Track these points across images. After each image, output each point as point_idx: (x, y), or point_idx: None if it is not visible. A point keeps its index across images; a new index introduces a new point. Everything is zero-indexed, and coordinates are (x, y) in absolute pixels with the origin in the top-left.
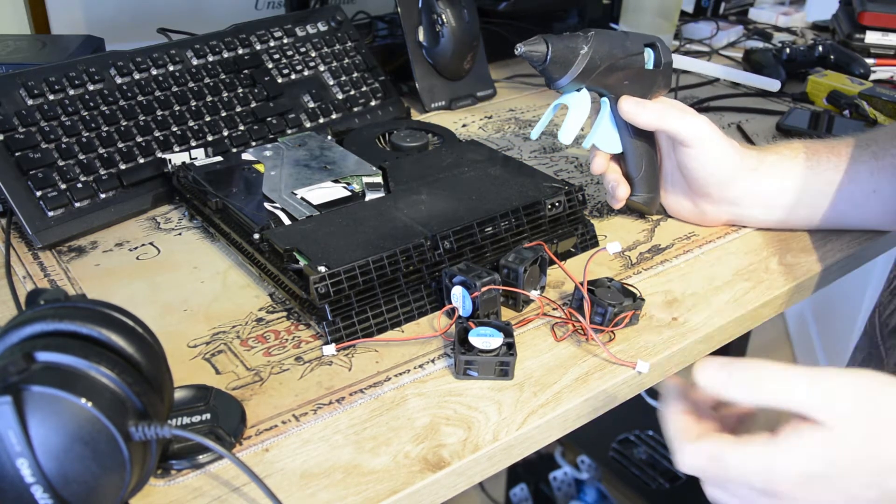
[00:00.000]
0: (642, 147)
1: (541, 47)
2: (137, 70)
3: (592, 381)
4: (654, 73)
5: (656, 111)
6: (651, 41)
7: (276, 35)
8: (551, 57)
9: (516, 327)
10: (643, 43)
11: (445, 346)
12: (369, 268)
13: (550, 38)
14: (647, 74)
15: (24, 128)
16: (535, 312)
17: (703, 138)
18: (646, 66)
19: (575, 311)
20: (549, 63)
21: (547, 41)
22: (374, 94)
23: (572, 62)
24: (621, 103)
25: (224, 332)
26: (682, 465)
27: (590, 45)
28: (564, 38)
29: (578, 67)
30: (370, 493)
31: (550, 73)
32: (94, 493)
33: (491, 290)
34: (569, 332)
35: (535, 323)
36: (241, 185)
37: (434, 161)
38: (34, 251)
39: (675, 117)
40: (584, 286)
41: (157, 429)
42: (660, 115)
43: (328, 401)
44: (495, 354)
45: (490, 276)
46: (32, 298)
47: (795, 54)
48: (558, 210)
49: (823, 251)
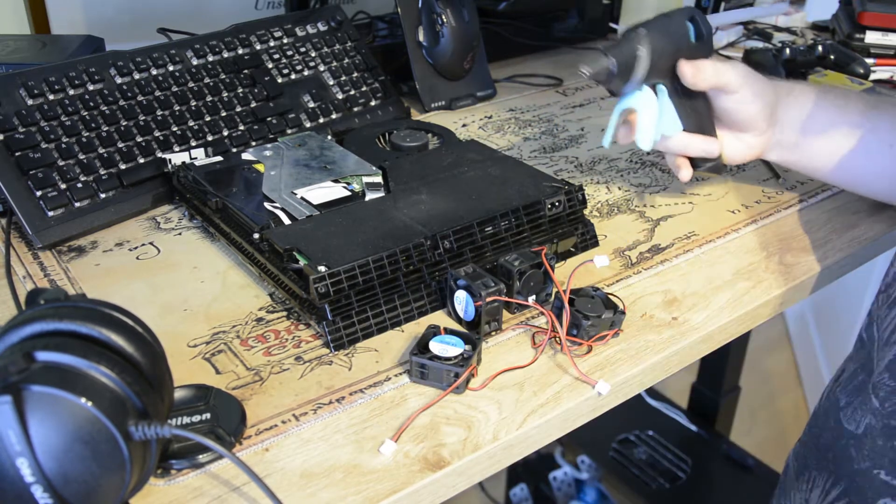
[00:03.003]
0: (704, 113)
1: (603, 62)
2: (137, 70)
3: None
4: (699, 45)
5: (711, 68)
6: (690, 14)
7: (276, 35)
8: (617, 70)
9: (510, 329)
10: (685, 19)
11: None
12: (369, 267)
13: (610, 51)
14: (692, 49)
15: (24, 128)
16: (523, 318)
17: (748, 79)
18: (690, 40)
19: (555, 319)
20: (616, 75)
21: (607, 54)
22: (374, 94)
23: (634, 66)
24: (682, 69)
25: (224, 331)
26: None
27: (645, 45)
28: (621, 46)
29: (641, 70)
30: (370, 492)
31: (616, 83)
32: (94, 493)
33: (495, 301)
34: (544, 342)
35: (526, 328)
36: (241, 184)
37: (434, 161)
38: (34, 251)
39: (725, 70)
40: (566, 295)
41: (157, 428)
42: (715, 71)
43: (328, 400)
44: (451, 363)
45: (496, 285)
46: (32, 298)
47: (795, 54)
48: (558, 210)
49: (823, 251)
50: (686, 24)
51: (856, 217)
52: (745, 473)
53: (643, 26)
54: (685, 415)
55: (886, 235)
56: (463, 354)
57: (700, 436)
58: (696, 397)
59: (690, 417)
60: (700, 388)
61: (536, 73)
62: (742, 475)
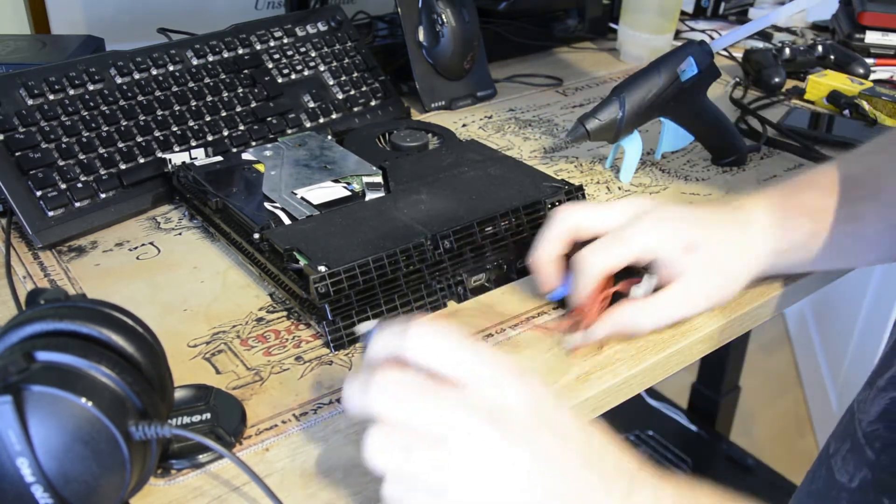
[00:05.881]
0: (711, 121)
1: (581, 130)
2: (137, 70)
3: (593, 381)
4: (697, 78)
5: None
6: (691, 50)
7: (276, 35)
8: (592, 135)
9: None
10: (681, 58)
11: None
12: (369, 267)
13: (587, 120)
14: (687, 85)
15: (24, 128)
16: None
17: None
18: (682, 79)
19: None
20: (594, 138)
21: (585, 125)
22: (374, 94)
23: (614, 126)
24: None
25: (224, 331)
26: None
27: (622, 107)
28: (599, 111)
29: (621, 126)
30: (370, 492)
31: (602, 140)
32: (94, 493)
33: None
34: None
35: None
36: (241, 185)
37: (434, 161)
38: (34, 251)
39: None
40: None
41: (157, 428)
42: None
43: (328, 400)
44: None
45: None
46: (32, 298)
47: (795, 54)
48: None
49: None
50: (680, 63)
51: None
52: (745, 473)
53: (626, 85)
54: (685, 415)
55: None
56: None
57: (700, 436)
58: (696, 397)
59: (690, 417)
60: (700, 388)
61: (536, 73)
62: (742, 475)
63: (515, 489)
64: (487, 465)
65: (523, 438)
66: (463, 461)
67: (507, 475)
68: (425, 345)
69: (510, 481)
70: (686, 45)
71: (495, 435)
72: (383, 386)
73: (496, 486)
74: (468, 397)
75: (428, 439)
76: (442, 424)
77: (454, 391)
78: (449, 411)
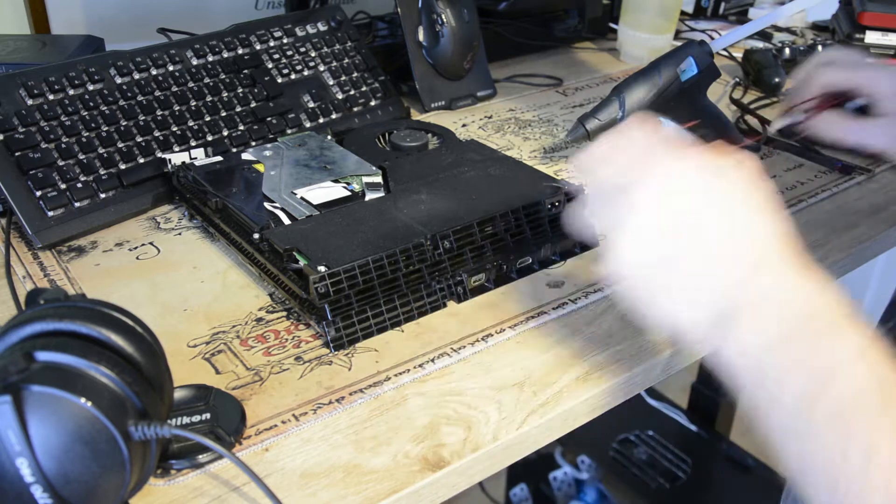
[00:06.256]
0: (711, 120)
1: (581, 130)
2: (137, 70)
3: (593, 381)
4: (697, 78)
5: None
6: (691, 50)
7: (276, 35)
8: (592, 135)
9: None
10: (681, 58)
11: (447, 345)
12: (369, 267)
13: (587, 120)
14: (687, 85)
15: (24, 128)
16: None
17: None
18: (682, 79)
19: None
20: (594, 137)
21: (585, 125)
22: (374, 94)
23: (614, 126)
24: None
25: (224, 331)
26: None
27: (622, 107)
28: (599, 111)
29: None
30: (370, 492)
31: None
32: (94, 493)
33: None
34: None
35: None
36: (241, 185)
37: (434, 161)
38: (34, 251)
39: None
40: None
41: (157, 428)
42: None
43: (328, 400)
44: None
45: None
46: (32, 298)
47: (795, 54)
48: (558, 210)
49: (823, 251)
50: (680, 63)
51: (856, 217)
52: (745, 473)
53: (626, 85)
54: (685, 415)
55: (886, 236)
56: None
57: (700, 436)
58: (696, 397)
59: (690, 417)
60: (700, 388)
61: (536, 73)
62: (742, 475)
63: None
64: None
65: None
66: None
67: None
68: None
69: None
70: (686, 45)
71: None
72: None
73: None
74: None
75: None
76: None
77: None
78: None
